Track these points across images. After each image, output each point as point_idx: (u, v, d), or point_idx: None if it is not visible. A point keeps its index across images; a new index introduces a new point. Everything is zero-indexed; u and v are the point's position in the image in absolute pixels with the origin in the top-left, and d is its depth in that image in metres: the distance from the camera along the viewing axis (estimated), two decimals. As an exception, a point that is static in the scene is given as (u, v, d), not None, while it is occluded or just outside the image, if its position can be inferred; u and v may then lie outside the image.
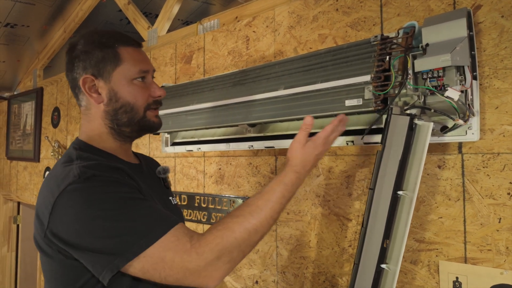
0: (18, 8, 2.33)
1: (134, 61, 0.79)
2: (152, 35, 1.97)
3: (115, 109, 0.79)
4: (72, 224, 0.65)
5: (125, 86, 0.78)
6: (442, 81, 0.79)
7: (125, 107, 0.79)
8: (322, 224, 1.16)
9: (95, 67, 0.77)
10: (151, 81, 0.83)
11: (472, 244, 0.89)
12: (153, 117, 0.83)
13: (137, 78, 0.79)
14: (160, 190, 0.92)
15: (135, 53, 0.81)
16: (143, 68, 0.80)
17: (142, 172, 0.87)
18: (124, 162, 0.82)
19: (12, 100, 3.12)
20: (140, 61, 0.81)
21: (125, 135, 0.83)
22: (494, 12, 0.88)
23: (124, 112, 0.79)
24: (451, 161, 0.93)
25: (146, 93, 0.81)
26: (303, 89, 0.99)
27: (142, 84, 0.80)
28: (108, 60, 0.77)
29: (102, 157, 0.77)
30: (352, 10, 1.11)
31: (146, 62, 0.82)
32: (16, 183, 3.00)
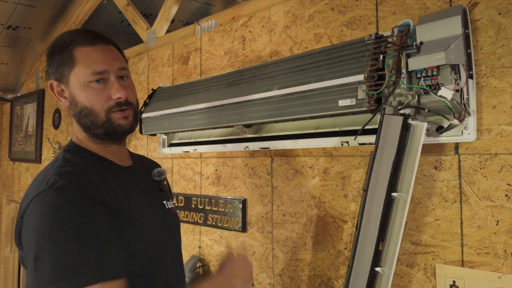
0: (19, 10, 2.35)
1: (87, 63, 0.73)
2: (151, 36, 1.97)
3: (77, 114, 0.76)
4: (28, 232, 0.64)
5: (80, 90, 0.74)
6: (436, 80, 0.77)
7: (84, 111, 0.75)
8: (318, 226, 1.14)
9: (56, 72, 0.76)
10: (113, 82, 0.75)
11: (469, 247, 0.87)
12: (119, 119, 0.76)
13: (92, 81, 0.73)
14: (155, 193, 0.88)
15: (92, 53, 0.74)
16: (97, 69, 0.73)
17: (131, 175, 0.84)
18: (112, 165, 0.79)
19: (15, 101, 3.14)
20: (94, 61, 0.74)
21: (101, 138, 0.78)
22: (491, 9, 0.86)
23: (84, 116, 0.75)
24: (448, 162, 0.91)
25: (105, 95, 0.74)
26: (297, 89, 0.98)
27: (99, 86, 0.74)
28: (64, 64, 0.75)
29: (88, 160, 0.75)
30: (347, 9, 1.10)
31: (103, 62, 0.74)
32: (19, 184, 3.02)
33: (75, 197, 0.65)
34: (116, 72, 0.76)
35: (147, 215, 0.79)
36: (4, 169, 3.30)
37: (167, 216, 0.88)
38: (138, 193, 0.81)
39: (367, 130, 0.91)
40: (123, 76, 0.78)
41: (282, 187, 1.24)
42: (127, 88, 0.77)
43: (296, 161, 1.20)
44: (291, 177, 1.21)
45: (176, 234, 0.92)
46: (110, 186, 0.73)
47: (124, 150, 0.87)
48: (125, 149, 0.88)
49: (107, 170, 0.77)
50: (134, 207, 0.76)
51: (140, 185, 0.85)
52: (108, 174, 0.77)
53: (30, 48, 2.80)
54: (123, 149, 0.86)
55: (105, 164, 0.78)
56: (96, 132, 0.76)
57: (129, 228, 0.72)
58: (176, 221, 0.93)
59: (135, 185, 0.83)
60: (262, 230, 1.29)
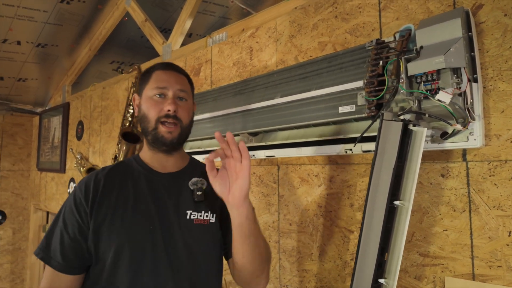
0: (48, 29, 2.51)
1: (156, 81, 0.91)
2: (166, 49, 2.04)
3: (139, 119, 0.94)
4: None
5: (145, 100, 0.91)
6: (437, 84, 0.75)
7: (143, 117, 0.91)
8: (324, 235, 1.12)
9: (139, 88, 0.96)
10: (169, 98, 0.89)
11: (480, 260, 0.82)
12: (164, 132, 0.88)
13: (155, 94, 0.89)
14: (182, 201, 0.90)
15: (161, 75, 0.91)
16: (160, 85, 0.89)
17: (165, 181, 0.92)
18: (147, 171, 0.92)
19: (43, 114, 3.32)
20: (160, 80, 0.90)
21: (151, 145, 0.92)
22: (496, 10, 0.83)
23: (142, 121, 0.91)
24: (455, 170, 0.87)
25: (159, 107, 0.88)
26: (298, 97, 0.98)
27: (158, 99, 0.89)
28: (144, 82, 0.94)
29: (126, 163, 0.94)
30: (351, 16, 1.09)
31: (166, 81, 0.90)
32: (45, 193, 3.16)
33: (76, 190, 0.86)
34: (175, 92, 0.90)
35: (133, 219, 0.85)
36: (32, 179, 3.47)
37: (181, 226, 0.87)
38: (152, 196, 0.88)
39: (371, 137, 0.89)
40: (182, 98, 0.91)
41: (288, 195, 1.23)
42: (181, 106, 0.90)
43: (302, 169, 1.19)
44: (297, 185, 1.20)
45: (189, 245, 0.88)
46: (115, 188, 0.87)
47: (173, 159, 0.95)
48: (174, 158, 0.95)
49: (134, 173, 0.91)
50: (120, 211, 0.85)
51: (167, 191, 0.90)
52: (133, 177, 0.90)
53: (57, 64, 2.97)
54: (170, 159, 0.94)
55: (139, 170, 0.92)
56: (147, 138, 0.92)
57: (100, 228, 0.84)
58: (196, 234, 0.89)
59: (159, 189, 0.89)
60: (269, 240, 1.28)
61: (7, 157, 3.38)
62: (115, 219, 0.84)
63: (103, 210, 0.84)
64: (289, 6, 1.29)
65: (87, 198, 0.85)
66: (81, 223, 0.83)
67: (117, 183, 0.88)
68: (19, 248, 3.40)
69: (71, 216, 0.84)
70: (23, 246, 3.43)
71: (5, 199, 3.34)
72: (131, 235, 0.83)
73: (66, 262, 0.82)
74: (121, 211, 0.85)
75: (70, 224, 0.84)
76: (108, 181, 0.88)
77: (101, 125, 2.44)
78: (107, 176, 0.89)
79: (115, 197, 0.86)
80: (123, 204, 0.85)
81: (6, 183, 3.36)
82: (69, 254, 0.82)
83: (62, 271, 0.82)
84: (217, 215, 0.93)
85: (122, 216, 0.84)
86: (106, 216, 0.84)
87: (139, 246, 0.83)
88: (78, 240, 0.83)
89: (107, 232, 0.83)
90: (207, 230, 0.91)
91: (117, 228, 0.83)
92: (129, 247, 0.82)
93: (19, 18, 2.32)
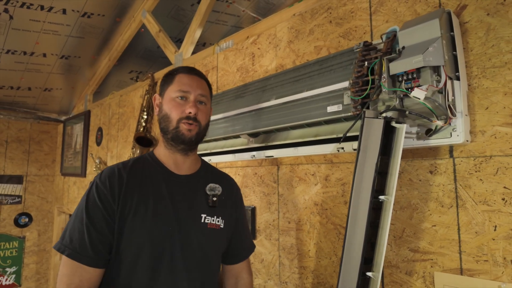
0: (70, 42, 2.68)
1: (179, 83, 0.95)
2: (178, 58, 2.14)
3: (159, 118, 0.97)
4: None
5: (167, 101, 0.95)
6: (417, 82, 0.78)
7: (164, 116, 0.95)
8: (321, 233, 1.15)
9: (160, 89, 1.01)
10: (191, 101, 0.94)
11: (467, 254, 0.83)
12: (184, 130, 0.93)
13: (177, 97, 0.94)
14: (196, 204, 0.95)
15: (185, 78, 0.96)
16: (183, 88, 0.94)
17: (180, 182, 0.95)
18: (163, 170, 0.95)
19: (67, 122, 3.51)
20: (183, 84, 0.95)
21: (170, 144, 0.95)
22: (479, 10, 0.85)
23: (163, 120, 0.95)
24: (443, 166, 0.89)
25: (181, 108, 0.93)
26: (291, 98, 1.03)
27: (180, 101, 0.94)
28: (166, 83, 0.98)
29: (143, 161, 0.96)
30: (344, 21, 1.14)
31: (189, 85, 0.95)
32: (68, 197, 3.33)
33: (95, 185, 0.88)
34: (196, 96, 0.95)
35: (154, 220, 0.87)
36: (56, 183, 3.66)
37: (195, 228, 0.92)
38: (170, 198, 0.90)
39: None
40: (201, 102, 0.97)
41: (287, 194, 1.27)
42: (200, 109, 0.95)
43: (300, 169, 1.23)
44: (296, 184, 1.24)
45: (202, 247, 0.92)
46: (137, 187, 0.89)
47: (188, 160, 0.99)
48: (189, 160, 0.99)
49: (152, 174, 0.94)
50: (142, 210, 0.86)
51: (183, 193, 0.94)
52: (151, 177, 0.93)
53: (80, 74, 3.15)
54: (186, 160, 0.98)
55: (157, 170, 0.95)
56: (167, 136, 0.95)
57: (124, 225, 0.85)
58: (209, 238, 0.94)
59: (176, 191, 0.92)
60: (270, 238, 1.32)
61: (34, 162, 3.59)
62: (136, 219, 0.85)
63: (126, 209, 0.86)
64: (289, 13, 1.35)
65: (113, 194, 0.86)
66: (108, 218, 0.85)
67: (138, 182, 0.90)
68: (44, 249, 3.58)
69: (97, 210, 0.85)
70: (48, 247, 3.60)
71: (31, 203, 3.53)
72: (152, 236, 0.86)
73: (96, 255, 0.83)
74: (142, 211, 0.87)
75: (96, 218, 0.84)
76: (130, 179, 0.90)
77: (118, 131, 2.57)
78: (129, 174, 0.91)
79: (136, 196, 0.88)
80: (144, 205, 0.87)
81: (32, 188, 3.56)
82: (99, 247, 0.83)
83: (91, 264, 0.82)
84: (226, 222, 0.98)
85: (143, 217, 0.86)
86: (128, 215, 0.85)
87: (158, 246, 0.86)
88: (106, 233, 0.84)
89: (128, 230, 0.85)
90: (218, 235, 0.96)
91: (138, 228, 0.85)
92: (150, 247, 0.85)
93: (44, 32, 2.50)
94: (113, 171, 0.91)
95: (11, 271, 3.35)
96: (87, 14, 2.43)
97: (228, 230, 1.00)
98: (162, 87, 1.00)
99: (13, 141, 3.48)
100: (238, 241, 1.05)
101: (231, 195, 1.04)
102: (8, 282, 3.32)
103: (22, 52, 2.69)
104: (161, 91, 1.00)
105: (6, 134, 3.45)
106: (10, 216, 3.39)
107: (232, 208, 1.03)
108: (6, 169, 3.41)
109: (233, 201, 1.04)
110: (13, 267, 3.37)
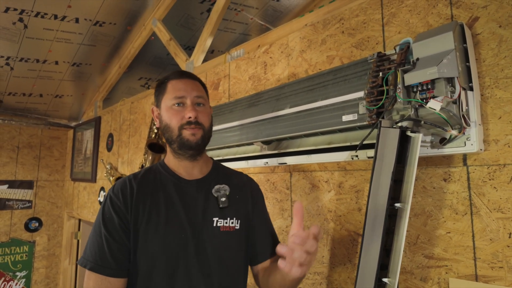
0: (82, 50, 2.73)
1: (173, 91, 0.93)
2: (189, 66, 2.17)
3: (162, 130, 0.96)
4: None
5: (165, 111, 0.94)
6: (432, 93, 0.80)
7: (165, 127, 0.93)
8: (334, 239, 1.17)
9: (156, 100, 0.99)
10: (188, 105, 0.92)
11: (482, 261, 0.85)
12: (188, 135, 0.91)
13: (174, 104, 0.92)
14: (207, 208, 0.93)
15: (177, 84, 0.94)
16: (178, 95, 0.92)
17: (191, 187, 0.94)
18: (174, 177, 0.95)
19: (77, 128, 3.56)
20: (177, 89, 0.93)
21: (177, 153, 0.95)
22: (491, 22, 0.88)
23: (165, 131, 0.94)
24: (457, 174, 0.91)
25: (180, 115, 0.91)
26: (306, 107, 1.06)
27: (178, 108, 0.92)
28: (160, 93, 0.96)
29: (154, 171, 0.97)
30: (356, 31, 1.16)
31: (183, 90, 0.93)
32: (77, 202, 3.37)
33: (109, 198, 0.89)
34: (192, 99, 0.93)
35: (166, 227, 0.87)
36: (66, 188, 3.70)
37: (206, 232, 0.91)
38: (182, 204, 0.91)
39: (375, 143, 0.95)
40: (199, 103, 0.95)
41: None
42: (200, 112, 0.93)
43: (313, 176, 1.25)
44: (309, 191, 1.26)
45: (217, 252, 0.91)
46: (148, 195, 0.90)
47: (198, 165, 0.98)
48: (199, 164, 0.98)
49: (163, 181, 0.94)
50: (154, 218, 0.87)
51: (194, 198, 0.93)
52: (162, 185, 0.93)
53: (90, 81, 3.20)
54: (196, 165, 0.97)
55: (167, 177, 0.95)
56: (173, 146, 0.94)
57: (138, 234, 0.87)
58: (222, 241, 0.92)
59: (187, 197, 0.92)
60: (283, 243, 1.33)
61: (44, 168, 3.64)
62: (149, 228, 0.86)
63: (139, 217, 0.87)
64: (300, 23, 1.38)
65: (126, 204, 0.88)
66: (124, 227, 0.86)
67: (149, 191, 0.91)
68: (53, 254, 3.61)
69: (113, 222, 0.86)
70: (57, 252, 3.64)
71: (41, 207, 3.58)
72: (166, 244, 0.86)
73: (118, 265, 0.84)
74: (155, 220, 0.87)
75: (113, 230, 0.86)
76: (140, 188, 0.91)
77: (129, 137, 2.61)
78: (140, 183, 0.92)
79: (148, 206, 0.89)
80: (156, 213, 0.88)
81: (43, 193, 3.61)
82: (120, 258, 0.85)
83: (114, 275, 0.84)
84: (242, 221, 0.96)
85: (156, 226, 0.87)
86: (141, 224, 0.87)
87: (173, 254, 0.86)
88: (125, 243, 0.86)
89: (142, 240, 0.86)
90: (233, 237, 0.94)
91: (151, 238, 0.86)
92: (164, 255, 0.86)
93: (57, 40, 2.55)
94: (124, 182, 0.92)
95: (21, 276, 3.39)
96: (99, 23, 2.48)
97: (246, 231, 0.98)
98: (157, 97, 0.98)
99: (24, 147, 3.53)
100: (262, 238, 1.01)
101: (245, 192, 1.01)
102: (19, 286, 3.36)
103: (35, 60, 2.75)
104: (157, 102, 0.98)
105: (18, 140, 3.50)
106: (20, 220, 3.43)
107: (249, 204, 1.00)
108: (17, 174, 3.47)
109: (249, 197, 1.01)
110: (23, 271, 3.41)
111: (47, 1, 2.17)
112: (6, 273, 3.30)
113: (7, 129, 3.45)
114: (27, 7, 2.19)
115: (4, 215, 3.35)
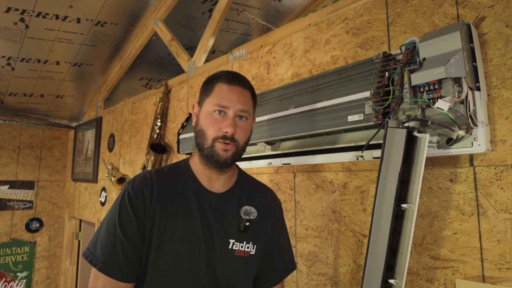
0: (83, 50, 2.73)
1: (218, 96, 0.86)
2: (191, 66, 2.17)
3: (196, 132, 0.90)
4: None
5: (204, 114, 0.87)
6: (439, 93, 0.80)
7: (200, 132, 0.87)
8: (339, 240, 1.16)
9: (200, 96, 0.92)
10: (230, 117, 0.85)
11: (489, 262, 0.84)
12: (220, 150, 0.84)
13: (215, 111, 0.85)
14: (226, 227, 0.88)
15: (225, 89, 0.86)
16: (221, 103, 0.85)
17: (212, 200, 0.89)
18: (196, 186, 0.89)
19: (78, 128, 3.56)
20: (222, 96, 0.85)
21: (204, 160, 0.88)
22: (498, 22, 0.87)
23: (198, 135, 0.88)
24: (463, 174, 0.90)
25: (218, 126, 0.84)
26: (311, 107, 1.05)
27: (218, 117, 0.85)
28: (206, 92, 0.90)
29: (177, 172, 0.91)
30: (361, 31, 1.16)
31: (228, 99, 0.85)
32: (78, 202, 3.36)
33: (126, 194, 0.84)
34: (236, 112, 0.86)
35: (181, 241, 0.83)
36: (67, 189, 3.70)
37: (221, 254, 0.86)
38: (200, 218, 0.85)
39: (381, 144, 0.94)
40: (242, 117, 0.87)
41: (304, 201, 1.28)
42: (240, 127, 0.86)
43: (317, 176, 1.25)
44: (313, 192, 1.26)
45: (226, 276, 0.86)
46: (167, 202, 0.85)
47: (223, 177, 0.91)
48: (224, 177, 0.91)
49: (184, 187, 0.88)
50: (170, 228, 0.83)
51: (214, 213, 0.87)
52: (183, 192, 0.88)
53: (91, 82, 3.20)
54: (221, 177, 0.91)
55: (189, 184, 0.89)
56: (202, 153, 0.88)
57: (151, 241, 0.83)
58: (234, 266, 0.87)
59: (207, 210, 0.86)
60: (287, 244, 1.33)
61: (45, 168, 3.64)
62: (164, 238, 0.82)
63: (155, 225, 0.83)
64: (304, 23, 1.37)
65: (144, 208, 0.83)
66: (142, 231, 0.82)
67: (169, 197, 0.86)
68: (54, 255, 3.61)
69: (130, 224, 0.81)
70: (58, 252, 3.63)
71: (42, 208, 3.57)
72: (178, 260, 0.82)
73: (131, 270, 0.81)
74: (170, 231, 0.83)
75: (130, 232, 0.81)
76: (161, 192, 0.86)
77: (131, 137, 2.61)
78: (161, 187, 0.86)
79: (166, 213, 0.84)
80: (173, 222, 0.83)
81: (44, 193, 3.60)
82: (133, 262, 0.81)
83: (125, 280, 0.80)
84: (258, 247, 0.91)
85: (171, 238, 0.82)
86: (157, 232, 0.82)
87: (183, 273, 0.82)
88: (140, 248, 0.82)
89: (154, 248, 0.82)
90: (246, 262, 0.89)
91: (164, 250, 0.82)
92: (175, 272, 0.82)
93: (59, 40, 2.55)
94: (145, 180, 0.86)
95: (22, 276, 3.38)
96: (101, 23, 2.48)
97: (261, 256, 0.93)
98: (201, 95, 0.92)
99: (25, 147, 3.53)
100: (276, 265, 0.98)
101: (267, 214, 0.95)
102: (19, 287, 3.35)
103: (36, 60, 2.74)
104: (200, 100, 0.91)
105: (19, 140, 3.50)
106: (21, 221, 3.43)
107: (268, 228, 0.95)
108: (18, 174, 3.46)
109: (269, 221, 0.95)
110: (24, 272, 3.40)
111: (48, 1, 2.16)
112: (7, 273, 3.29)
113: (8, 129, 3.45)
114: (29, 7, 2.18)
115: (5, 216, 3.34)
